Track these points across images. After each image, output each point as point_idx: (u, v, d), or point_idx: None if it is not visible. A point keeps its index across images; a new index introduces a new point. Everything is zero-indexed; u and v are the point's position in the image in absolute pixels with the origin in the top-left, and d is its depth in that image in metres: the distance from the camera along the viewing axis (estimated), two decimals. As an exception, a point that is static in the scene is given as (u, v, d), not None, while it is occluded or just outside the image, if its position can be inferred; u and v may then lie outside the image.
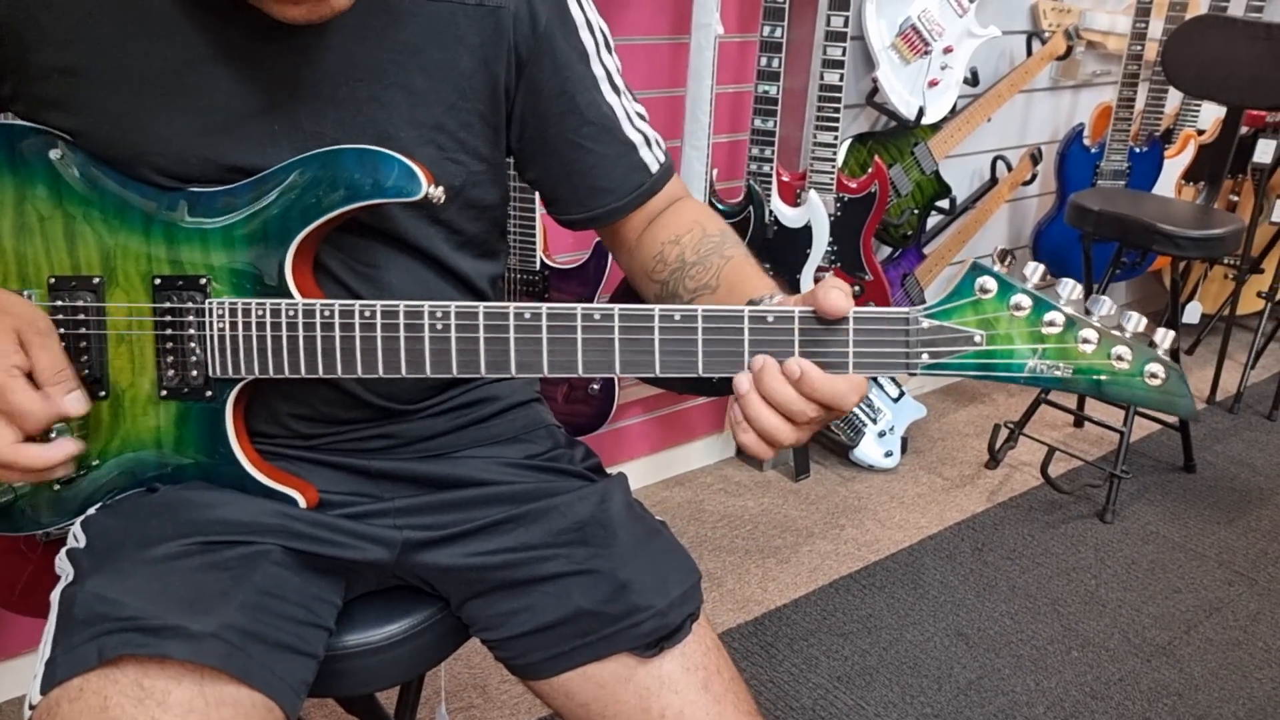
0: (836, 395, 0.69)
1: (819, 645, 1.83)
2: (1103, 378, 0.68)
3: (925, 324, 0.69)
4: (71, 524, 0.83)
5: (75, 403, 0.75)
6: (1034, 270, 0.68)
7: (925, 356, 0.69)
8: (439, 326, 0.74)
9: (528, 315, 0.73)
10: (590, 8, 0.89)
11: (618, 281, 1.87)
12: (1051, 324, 0.67)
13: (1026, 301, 0.67)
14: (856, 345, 0.69)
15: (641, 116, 0.92)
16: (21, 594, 1.32)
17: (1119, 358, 0.67)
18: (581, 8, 0.88)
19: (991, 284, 0.68)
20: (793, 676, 1.75)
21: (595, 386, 1.89)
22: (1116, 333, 0.67)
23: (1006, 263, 0.69)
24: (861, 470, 2.44)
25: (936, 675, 1.77)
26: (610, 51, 0.90)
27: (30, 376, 0.73)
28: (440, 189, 0.76)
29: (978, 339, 0.68)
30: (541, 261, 1.76)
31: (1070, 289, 0.68)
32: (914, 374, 0.70)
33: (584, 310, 0.72)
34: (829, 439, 2.45)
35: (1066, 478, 2.43)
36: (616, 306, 0.72)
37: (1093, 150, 2.64)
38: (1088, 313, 0.68)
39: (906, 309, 0.69)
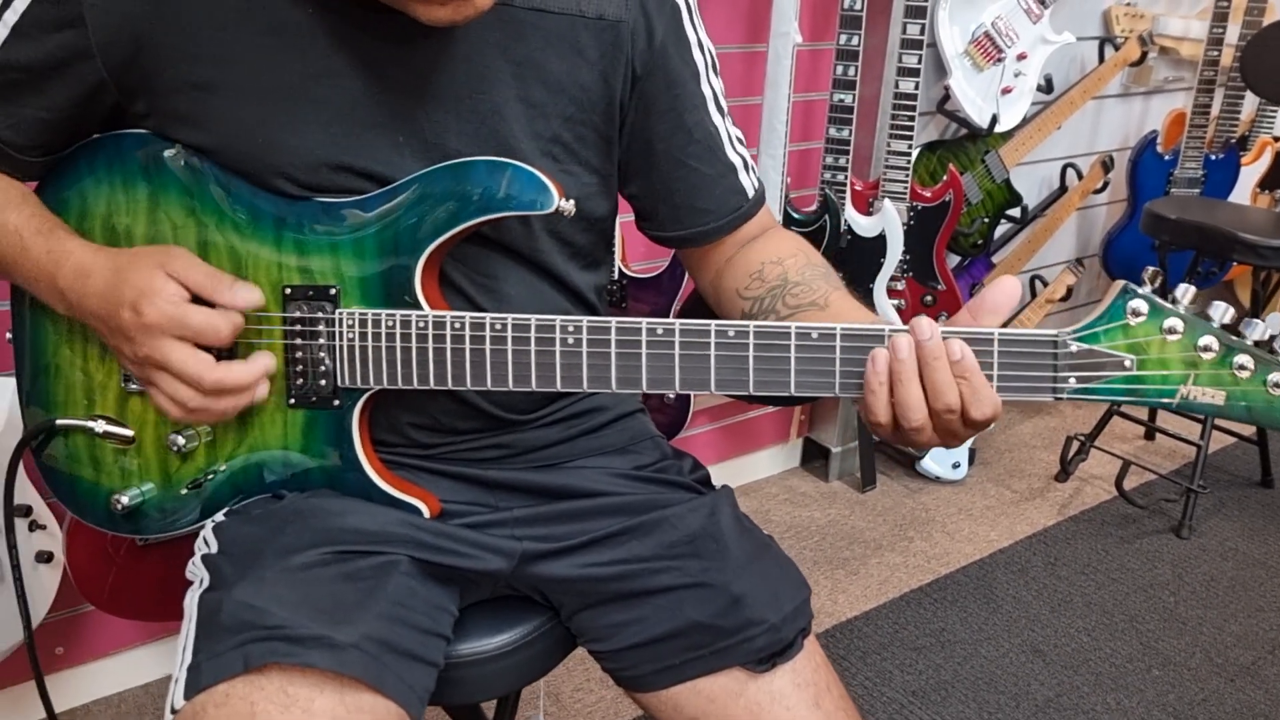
0: (985, 390, 0.67)
1: (892, 659, 1.81)
2: (1257, 404, 0.66)
3: (1074, 347, 0.67)
4: (199, 527, 0.84)
5: (247, 291, 0.77)
6: (1185, 292, 0.67)
7: (1073, 381, 0.68)
8: (570, 341, 0.74)
9: (660, 331, 0.73)
10: (701, 28, 0.89)
11: (692, 290, 1.87)
12: (1207, 349, 0.66)
13: (1180, 325, 0.66)
14: (1001, 368, 0.68)
15: (741, 141, 0.92)
16: (110, 594, 1.35)
17: (1275, 385, 0.66)
18: (695, 27, 0.88)
19: (1144, 307, 0.66)
20: (867, 690, 1.73)
21: (670, 395, 1.89)
22: (1271, 356, 0.66)
23: (1157, 283, 0.67)
24: (928, 481, 2.41)
25: (1013, 692, 1.74)
26: (717, 74, 0.90)
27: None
28: (571, 202, 0.76)
29: (1128, 364, 0.67)
30: (620, 270, 1.77)
31: (1223, 312, 0.66)
32: (1060, 399, 0.69)
33: (718, 327, 0.72)
34: (895, 449, 2.43)
35: (1140, 491, 2.38)
36: (751, 324, 0.72)
37: (1166, 158, 2.59)
38: (1240, 336, 0.67)
39: (1055, 331, 0.68)
